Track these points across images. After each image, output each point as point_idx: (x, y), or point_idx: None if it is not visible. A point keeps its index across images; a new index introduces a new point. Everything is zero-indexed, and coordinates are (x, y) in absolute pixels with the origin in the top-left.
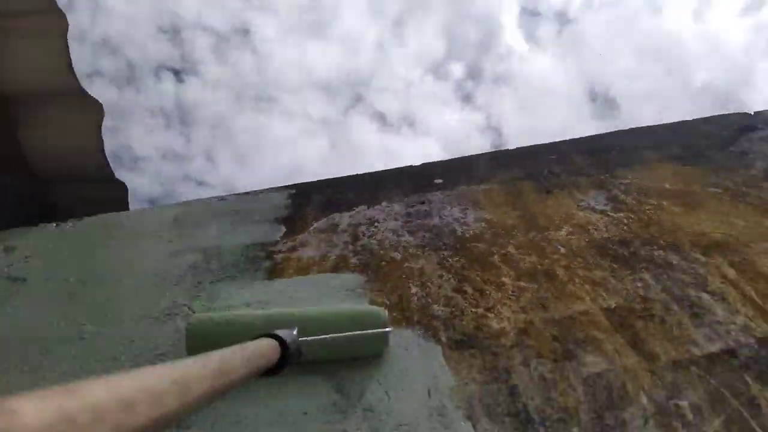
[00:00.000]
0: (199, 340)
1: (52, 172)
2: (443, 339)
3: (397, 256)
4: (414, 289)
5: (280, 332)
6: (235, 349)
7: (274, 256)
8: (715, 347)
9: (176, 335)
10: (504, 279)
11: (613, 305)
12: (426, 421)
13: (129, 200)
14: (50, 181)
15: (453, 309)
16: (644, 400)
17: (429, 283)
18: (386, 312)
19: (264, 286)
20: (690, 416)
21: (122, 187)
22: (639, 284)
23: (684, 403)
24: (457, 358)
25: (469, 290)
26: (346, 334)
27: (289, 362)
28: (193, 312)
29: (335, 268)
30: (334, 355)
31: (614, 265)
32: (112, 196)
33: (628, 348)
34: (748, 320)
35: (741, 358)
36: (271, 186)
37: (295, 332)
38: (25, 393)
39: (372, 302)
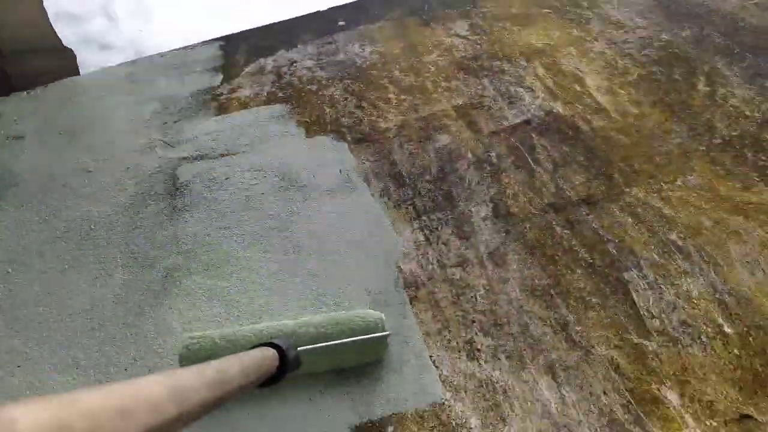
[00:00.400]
0: (194, 358)
1: (5, 46)
2: (349, 139)
3: (313, 87)
4: (327, 110)
5: (279, 341)
6: (233, 359)
7: (219, 97)
8: (518, 120)
9: (159, 160)
10: (390, 95)
11: (460, 103)
12: (339, 186)
13: None
14: (4, 54)
15: (355, 119)
16: (470, 155)
17: (337, 104)
18: (383, 316)
19: (217, 121)
20: (494, 159)
21: (71, 55)
22: (479, 87)
23: (493, 154)
24: (358, 149)
25: (366, 105)
26: (344, 341)
27: (287, 371)
28: (167, 144)
29: (267, 102)
30: (333, 363)
31: (465, 76)
32: (63, 64)
33: (465, 128)
34: (543, 101)
35: (532, 124)
36: (187, 43)
37: (293, 342)
38: (24, 402)
39: (298, 123)
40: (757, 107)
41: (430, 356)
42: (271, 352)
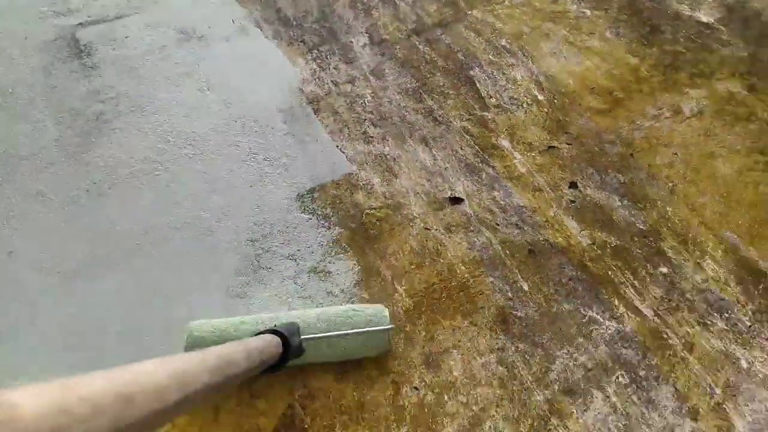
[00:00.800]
0: (199, 345)
1: None
2: None
3: None
4: None
5: (282, 329)
6: (237, 345)
7: None
8: None
9: (55, 29)
10: None
11: None
12: (234, 33)
13: None
14: None
15: None
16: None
17: None
18: (387, 309)
19: None
20: (360, 0)
21: None
22: None
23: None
24: (244, 1)
25: None
26: (348, 331)
27: (289, 358)
28: (58, 13)
29: None
30: (334, 354)
31: None
32: None
33: None
34: None
35: None
36: None
37: (296, 329)
38: (25, 386)
39: None
40: None
41: (337, 146)
42: (275, 340)
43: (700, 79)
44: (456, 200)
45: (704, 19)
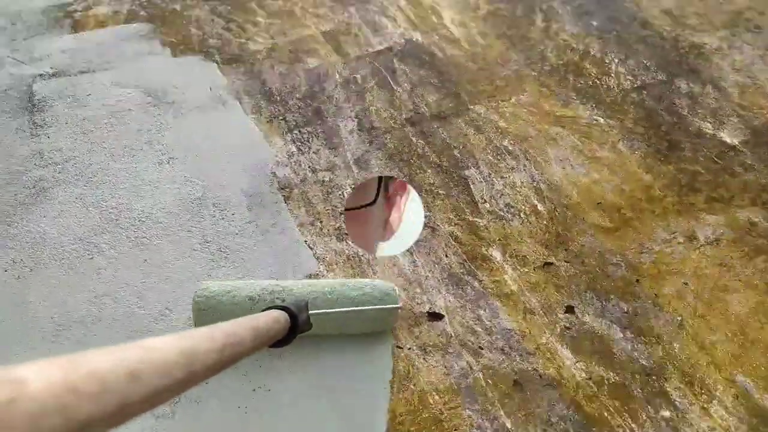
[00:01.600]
0: (207, 315)
1: None
2: (218, 59)
3: (177, 7)
4: (193, 31)
5: (290, 305)
6: (244, 321)
7: (73, 14)
8: (382, 46)
9: (11, 77)
10: (259, 18)
11: (328, 29)
12: (210, 103)
13: None
14: None
15: (223, 41)
16: (337, 76)
17: (204, 26)
18: (396, 288)
19: (73, 39)
20: (360, 80)
21: None
22: (346, 15)
23: (358, 76)
24: (227, 70)
25: (234, 28)
26: (355, 308)
27: (297, 334)
28: (18, 61)
29: (128, 20)
30: (342, 329)
31: (332, 3)
32: None
33: (333, 52)
34: (404, 30)
35: (394, 50)
36: None
37: (304, 305)
38: (31, 363)
39: (163, 43)
40: (581, 41)
41: (305, 241)
42: (283, 317)
43: (719, 204)
44: (435, 315)
45: (728, 139)
